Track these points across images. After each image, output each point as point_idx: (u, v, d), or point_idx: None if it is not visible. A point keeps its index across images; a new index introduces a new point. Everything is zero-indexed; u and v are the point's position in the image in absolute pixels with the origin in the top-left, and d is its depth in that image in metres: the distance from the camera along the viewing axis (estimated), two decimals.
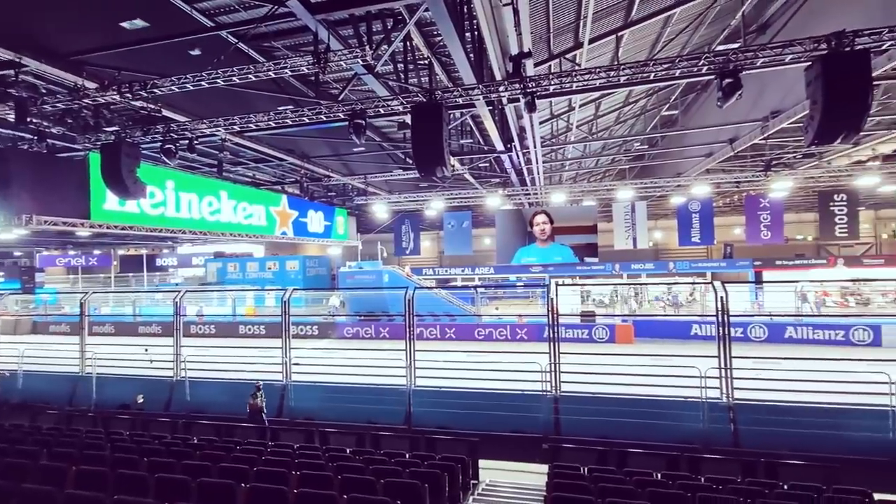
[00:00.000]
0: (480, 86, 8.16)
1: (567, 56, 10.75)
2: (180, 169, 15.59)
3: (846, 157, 16.31)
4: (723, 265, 28.74)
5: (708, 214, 20.30)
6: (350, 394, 9.63)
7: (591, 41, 9.94)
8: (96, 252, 36.49)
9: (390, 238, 26.72)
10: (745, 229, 20.59)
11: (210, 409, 10.24)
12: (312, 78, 10.45)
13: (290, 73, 8.12)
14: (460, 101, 8.64)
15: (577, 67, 10.28)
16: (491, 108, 10.70)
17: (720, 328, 8.37)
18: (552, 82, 8.11)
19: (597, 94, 13.24)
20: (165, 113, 10.04)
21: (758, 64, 6.75)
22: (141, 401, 10.47)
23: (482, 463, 7.61)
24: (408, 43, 9.22)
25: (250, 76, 7.75)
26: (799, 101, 10.14)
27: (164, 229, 13.91)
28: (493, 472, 7.52)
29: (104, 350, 12.42)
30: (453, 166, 15.69)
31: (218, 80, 7.75)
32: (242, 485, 5.08)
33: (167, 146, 9.50)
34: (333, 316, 23.52)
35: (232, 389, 10.57)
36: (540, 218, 21.78)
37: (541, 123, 14.92)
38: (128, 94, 8.03)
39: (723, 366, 8.24)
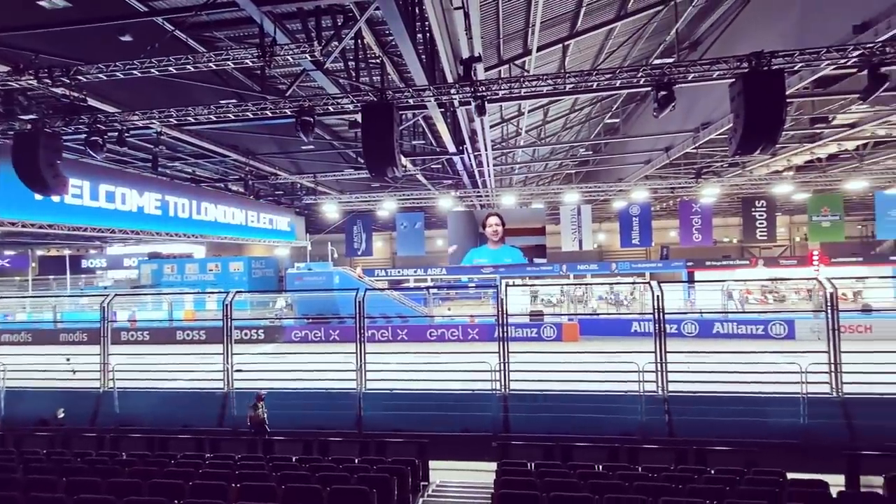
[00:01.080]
0: (432, 87, 8.19)
1: (516, 62, 11.03)
2: (109, 163, 14.48)
3: (765, 167, 17.88)
4: (659, 266, 30.60)
5: (646, 218, 21.52)
6: (297, 399, 9.33)
7: (539, 49, 10.27)
8: (8, 253, 33.01)
9: (341, 239, 26.17)
10: (679, 232, 22.03)
11: (142, 422, 9.55)
12: (258, 72, 10.06)
13: (232, 66, 7.75)
14: (412, 101, 8.62)
15: (525, 74, 10.58)
16: (443, 110, 10.76)
17: (656, 325, 8.90)
18: (502, 87, 8.28)
19: (545, 100, 13.68)
20: (92, 102, 9.26)
21: (689, 78, 7.25)
22: (61, 415, 9.57)
23: (433, 464, 7.63)
24: (359, 41, 9.09)
25: (189, 67, 7.32)
26: (725, 115, 10.98)
27: (90, 228, 12.85)
28: (444, 473, 7.55)
29: (17, 361, 11.24)
30: (405, 167, 15.63)
31: (152, 70, 7.27)
32: (176, 501, 4.78)
33: (93, 138, 8.76)
34: (280, 319, 22.70)
35: (167, 399, 9.92)
36: (493, 220, 22.17)
37: (491, 127, 15.20)
38: (47, 80, 7.34)
39: (659, 360, 8.76)
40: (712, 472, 5.74)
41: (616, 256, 35.32)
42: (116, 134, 9.14)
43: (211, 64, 7.24)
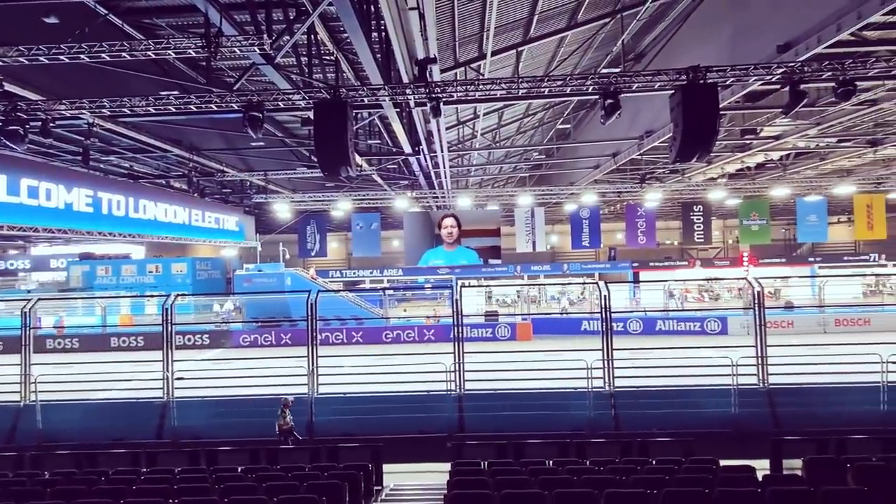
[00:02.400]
0: (387, 87, 8.11)
1: (472, 66, 11.16)
2: (32, 155, 13.26)
3: (702, 174, 19.11)
4: (608, 266, 31.98)
5: (596, 221, 22.41)
6: (244, 407, 8.92)
7: (494, 53, 10.44)
8: None
9: (294, 239, 25.38)
10: (625, 234, 23.10)
11: (70, 437, 8.79)
12: (203, 63, 9.58)
13: (174, 56, 7.35)
14: (366, 100, 8.51)
15: (480, 77, 10.72)
16: (398, 110, 10.70)
17: (603, 324, 9.28)
18: (457, 89, 8.35)
19: (499, 104, 13.94)
20: (10, 88, 8.45)
21: (633, 88, 7.63)
22: None
23: (388, 467, 7.55)
24: (312, 36, 8.87)
25: (125, 54, 6.85)
26: (667, 124, 11.65)
27: (7, 226, 11.69)
28: (398, 476, 7.49)
29: None
30: (360, 166, 15.40)
31: (82, 56, 6.73)
32: None
33: (12, 127, 7.99)
34: (227, 323, 21.67)
35: (98, 412, 9.20)
36: (448, 221, 22.29)
37: (448, 129, 15.28)
38: None
39: (605, 358, 9.13)
40: (654, 462, 6.06)
41: (568, 258, 36.53)
42: (40, 124, 8.38)
43: (150, 53, 6.81)
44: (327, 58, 9.94)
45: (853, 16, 6.56)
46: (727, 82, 7.75)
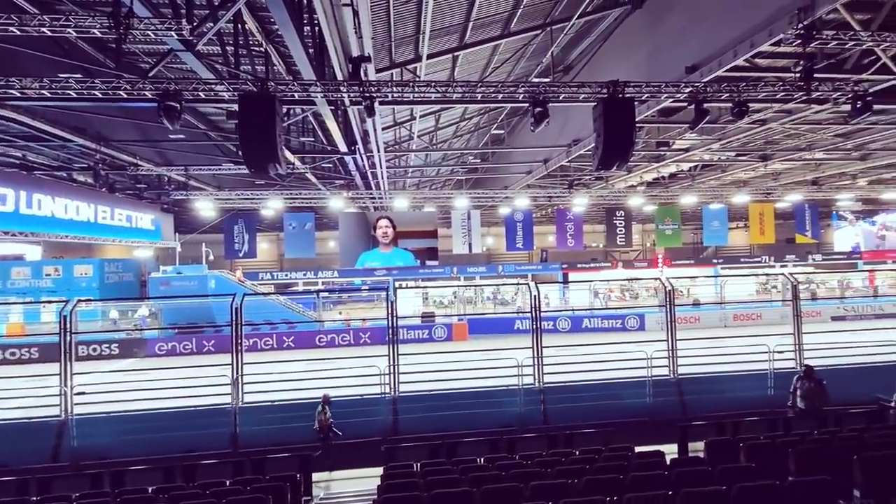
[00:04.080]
0: (319, 83, 7.87)
1: (408, 67, 11.15)
2: None
3: (623, 181, 20.55)
4: (540, 268, 33.35)
5: (529, 224, 23.30)
6: (158, 421, 8.21)
7: (430, 56, 10.51)
8: None
9: (219, 239, 23.82)
10: (556, 237, 24.23)
11: None
12: (112, 45, 8.73)
13: (76, 35, 6.63)
14: (297, 96, 8.20)
15: (416, 79, 10.74)
16: (333, 107, 10.43)
17: (533, 322, 9.67)
18: (393, 90, 8.30)
19: (436, 107, 14.06)
20: None
21: (560, 98, 8.04)
22: None
23: (319, 476, 7.32)
24: (240, 25, 8.40)
25: (13, 29, 6.07)
26: (592, 134, 12.40)
27: None
28: (331, 484, 7.28)
29: None
30: (292, 164, 14.81)
31: None
32: None
33: None
34: (141, 330, 19.85)
35: None
36: (383, 222, 22.09)
37: (384, 129, 15.14)
38: None
39: (535, 355, 9.52)
40: (577, 453, 6.40)
41: (503, 259, 37.60)
42: None
43: (45, 29, 6.08)
44: (256, 49, 9.46)
45: (747, 44, 7.41)
46: (643, 97, 8.40)
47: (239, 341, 8.87)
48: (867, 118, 8.55)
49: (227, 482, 5.74)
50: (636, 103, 8.70)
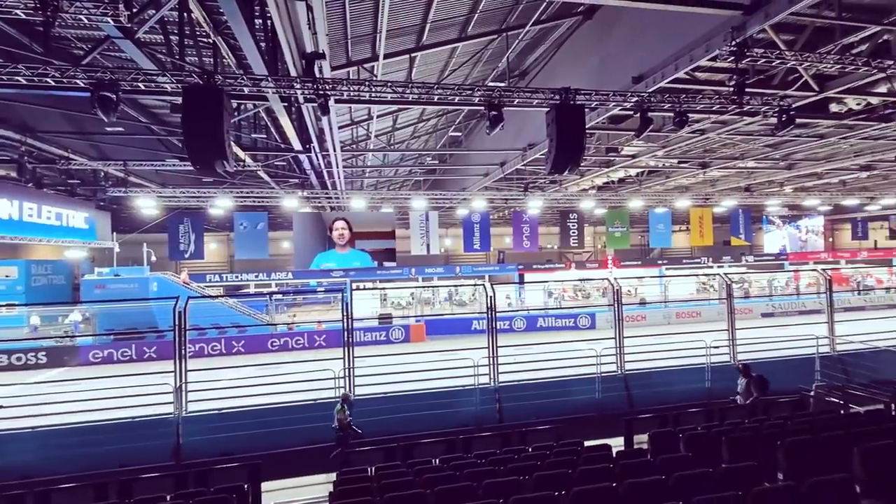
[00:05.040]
0: (271, 78, 7.61)
1: (365, 66, 11.02)
2: None
3: (576, 185, 21.27)
4: (497, 269, 33.91)
5: (486, 225, 23.60)
6: (91, 435, 7.65)
7: (387, 56, 10.44)
8: None
9: (163, 239, 22.47)
10: (512, 239, 24.70)
11: None
12: (40, 28, 8.06)
13: None
14: (247, 91, 7.89)
15: (373, 78, 10.63)
16: (286, 104, 10.12)
17: (489, 322, 9.82)
18: (349, 88, 8.15)
19: (394, 107, 13.96)
20: None
21: (515, 102, 8.21)
22: None
23: (269, 485, 7.06)
24: (186, 14, 7.98)
25: None
26: (545, 138, 12.74)
27: None
28: (281, 493, 7.05)
29: None
30: (243, 161, 14.24)
31: None
32: None
33: None
34: (72, 337, 18.39)
35: None
36: (339, 224, 21.67)
37: (341, 128, 14.87)
38: None
39: (491, 355, 9.67)
40: (530, 449, 6.56)
41: (461, 260, 37.90)
42: None
43: None
44: (204, 41, 9.03)
45: (686, 58, 7.87)
46: (593, 105, 8.74)
47: (183, 347, 8.43)
48: (791, 131, 9.31)
49: (168, 497, 5.42)
50: (587, 110, 9.04)
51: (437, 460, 6.27)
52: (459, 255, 37.98)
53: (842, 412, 7.78)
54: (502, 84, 11.81)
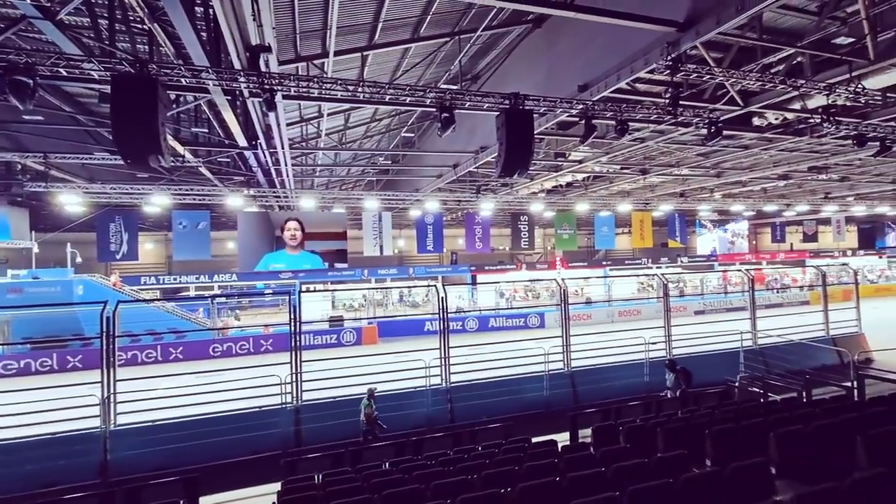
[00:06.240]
0: (212, 70, 7.23)
1: (315, 62, 10.73)
2: None
3: (526, 188, 21.84)
4: (450, 270, 34.14)
5: (439, 227, 23.70)
6: (4, 455, 6.93)
7: (338, 53, 10.22)
8: None
9: (91, 238, 20.74)
10: (465, 240, 24.96)
11: None
12: None
13: None
14: (186, 82, 7.46)
15: (323, 75, 10.39)
16: (230, 98, 9.66)
17: (440, 323, 9.86)
18: (297, 84, 7.91)
19: (346, 105, 13.70)
20: None
21: (466, 105, 8.31)
22: None
23: (209, 499, 6.70)
24: None
25: None
26: (496, 142, 13.00)
27: None
28: None
29: None
30: (182, 156, 13.44)
31: None
32: None
33: None
34: None
35: None
36: (292, 224, 20.94)
37: (290, 125, 14.40)
38: None
39: (442, 356, 9.71)
40: (480, 448, 6.64)
41: (414, 262, 37.80)
42: None
43: None
44: (138, 27, 8.45)
45: (628, 70, 8.30)
46: (541, 110, 9.01)
47: (111, 355, 7.82)
48: (720, 141, 10.06)
49: None
50: (536, 115, 9.30)
51: (388, 464, 6.20)
52: (413, 256, 37.88)
53: (762, 400, 8.50)
54: (455, 87, 11.90)
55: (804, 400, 8.36)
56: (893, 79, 8.33)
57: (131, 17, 8.11)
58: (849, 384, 8.68)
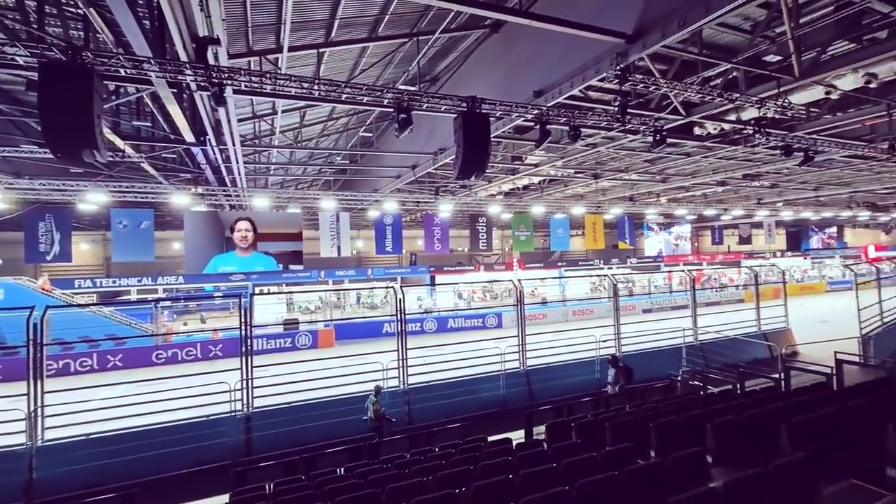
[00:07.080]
0: (154, 61, 6.84)
1: (268, 57, 10.38)
2: None
3: (485, 190, 22.13)
4: (409, 271, 34.01)
5: (398, 228, 23.57)
6: None
7: (292, 49, 9.94)
8: None
9: (17, 238, 19.07)
10: (424, 241, 24.96)
11: None
12: None
13: None
14: (125, 72, 7.00)
15: (276, 71, 10.07)
16: (176, 91, 9.16)
17: (398, 325, 9.80)
18: (248, 79, 7.61)
19: (301, 103, 13.34)
20: None
21: (423, 107, 8.31)
22: None
23: None
24: None
25: None
26: (454, 144, 13.08)
27: None
28: None
29: None
30: (122, 151, 12.61)
31: None
32: None
33: None
34: None
35: None
36: (243, 224, 20.16)
37: (242, 121, 13.86)
38: None
39: (400, 357, 9.65)
40: (437, 449, 6.65)
41: (373, 263, 37.35)
42: None
43: None
44: (72, 11, 7.86)
45: (580, 77, 8.60)
46: (497, 114, 9.16)
47: (38, 365, 7.20)
48: (664, 149, 10.63)
49: None
50: (492, 119, 9.45)
51: (342, 469, 6.09)
52: (371, 257, 37.41)
53: (701, 393, 9.04)
54: (413, 88, 11.88)
55: (738, 391, 8.97)
56: (815, 95, 9.12)
57: (66, 2, 7.54)
58: (777, 376, 9.40)
